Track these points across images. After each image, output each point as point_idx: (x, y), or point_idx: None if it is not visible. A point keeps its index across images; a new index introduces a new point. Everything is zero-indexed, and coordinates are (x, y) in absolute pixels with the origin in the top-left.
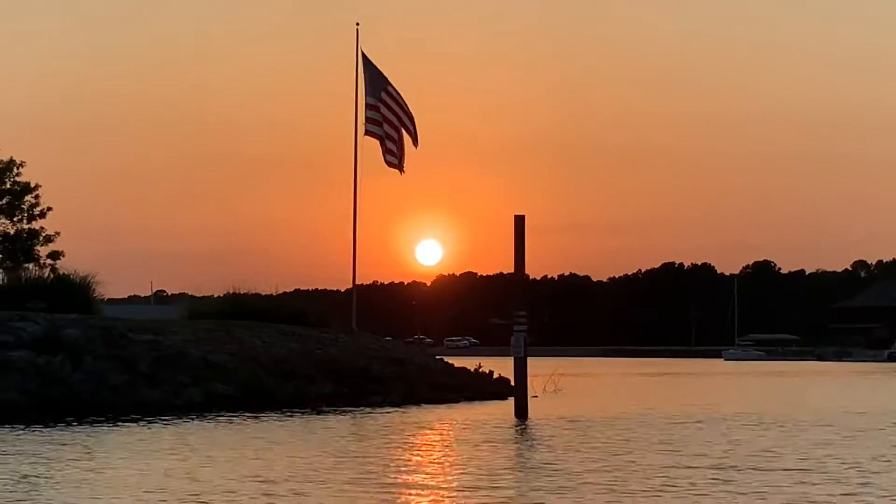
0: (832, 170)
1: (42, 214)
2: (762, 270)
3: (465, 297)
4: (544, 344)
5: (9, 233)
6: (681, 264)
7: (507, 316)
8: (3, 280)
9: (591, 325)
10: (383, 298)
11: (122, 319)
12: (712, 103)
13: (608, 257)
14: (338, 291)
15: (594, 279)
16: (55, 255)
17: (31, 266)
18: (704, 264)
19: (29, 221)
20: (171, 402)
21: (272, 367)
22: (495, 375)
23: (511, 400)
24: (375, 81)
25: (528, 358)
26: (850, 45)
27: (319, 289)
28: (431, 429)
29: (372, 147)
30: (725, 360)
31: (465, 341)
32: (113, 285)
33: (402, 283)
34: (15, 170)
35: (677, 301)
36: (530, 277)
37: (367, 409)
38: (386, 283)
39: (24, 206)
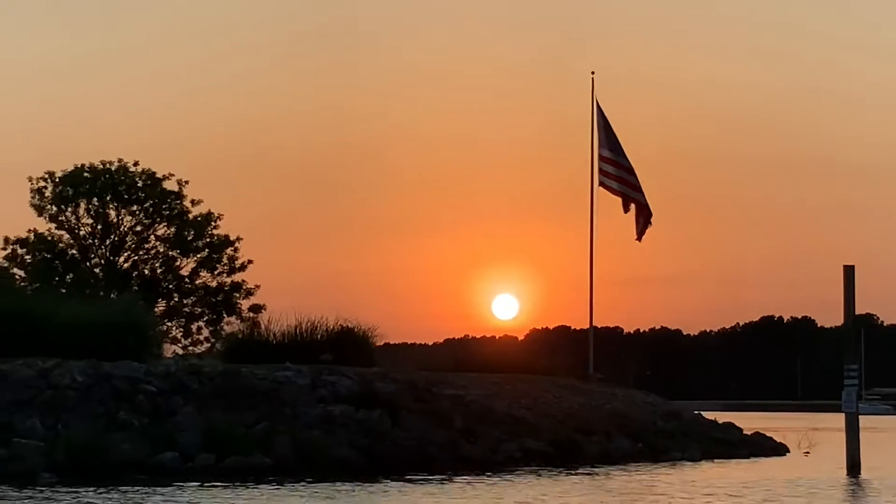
0: None
1: (242, 267)
2: (862, 323)
3: (567, 350)
4: None
5: (210, 286)
6: (780, 318)
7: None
8: (267, 332)
9: (689, 380)
10: (486, 352)
11: (421, 373)
12: (807, 150)
13: (698, 310)
14: (424, 345)
15: (685, 332)
16: (256, 309)
17: (233, 319)
18: (805, 317)
19: (229, 274)
20: (490, 457)
21: (569, 422)
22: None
23: (788, 456)
24: (610, 134)
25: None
26: None
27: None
28: (768, 489)
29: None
30: None
31: None
32: None
33: (494, 336)
34: (213, 223)
35: (778, 355)
36: (624, 331)
37: (668, 465)
38: (477, 336)
39: (225, 260)
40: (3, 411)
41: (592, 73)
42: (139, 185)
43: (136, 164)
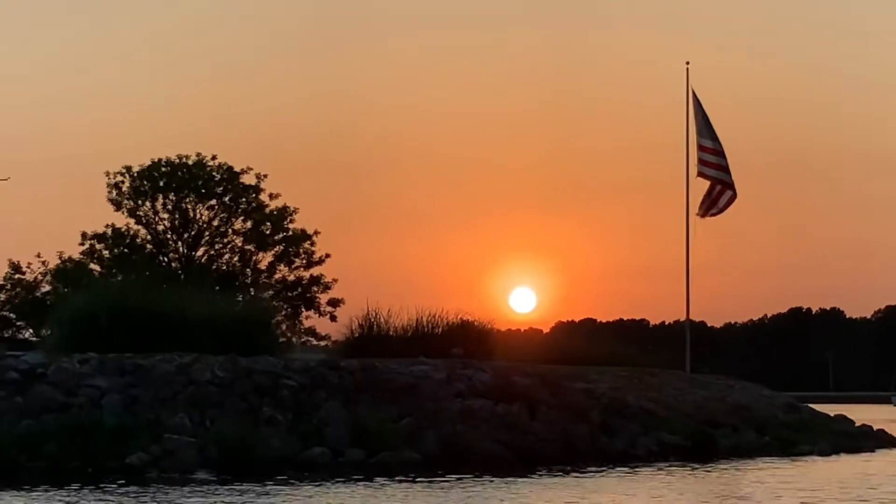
0: None
1: (320, 261)
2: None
3: (599, 342)
4: None
5: (288, 280)
6: (808, 309)
7: None
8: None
9: (717, 372)
10: (517, 343)
11: (548, 367)
12: (837, 140)
13: (723, 302)
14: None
15: (709, 324)
16: (335, 303)
17: (312, 314)
18: (833, 308)
19: (307, 268)
20: (630, 451)
21: (698, 416)
22: None
23: None
24: (706, 123)
25: None
26: None
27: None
28: None
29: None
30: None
31: None
32: None
33: (519, 329)
34: (289, 217)
35: (807, 346)
36: (650, 324)
37: (798, 459)
38: (502, 329)
39: (302, 253)
40: (148, 407)
41: (687, 63)
42: (217, 179)
43: (213, 158)
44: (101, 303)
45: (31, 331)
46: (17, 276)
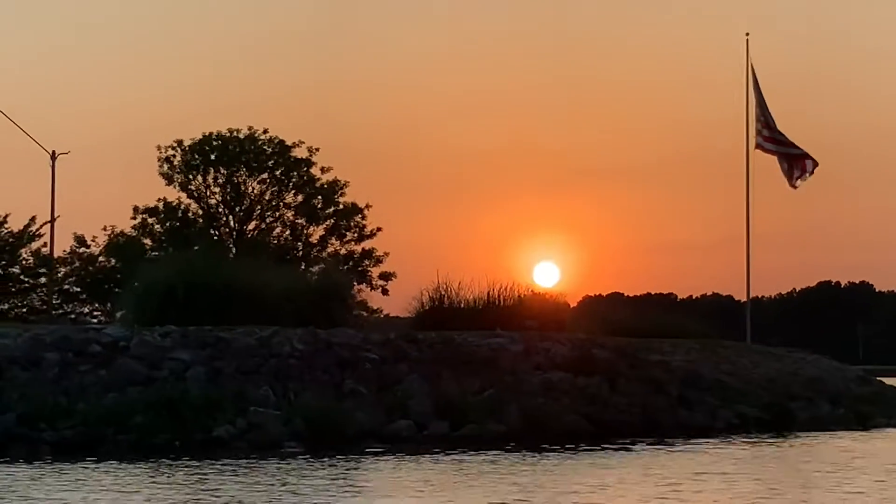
0: None
1: (372, 234)
2: None
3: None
4: None
5: (339, 253)
6: (837, 282)
7: None
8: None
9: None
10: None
11: (623, 339)
12: (866, 113)
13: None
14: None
15: (736, 298)
16: (387, 276)
17: (364, 287)
18: (862, 282)
19: (358, 242)
20: (710, 424)
21: (773, 388)
22: None
23: None
24: (760, 94)
25: None
26: None
27: None
28: None
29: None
30: None
31: None
32: None
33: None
34: (339, 190)
35: (836, 320)
36: (678, 297)
37: (880, 432)
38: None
39: (354, 227)
40: (232, 380)
41: (747, 34)
42: (268, 153)
43: (265, 132)
44: (178, 276)
45: (95, 305)
46: (81, 249)
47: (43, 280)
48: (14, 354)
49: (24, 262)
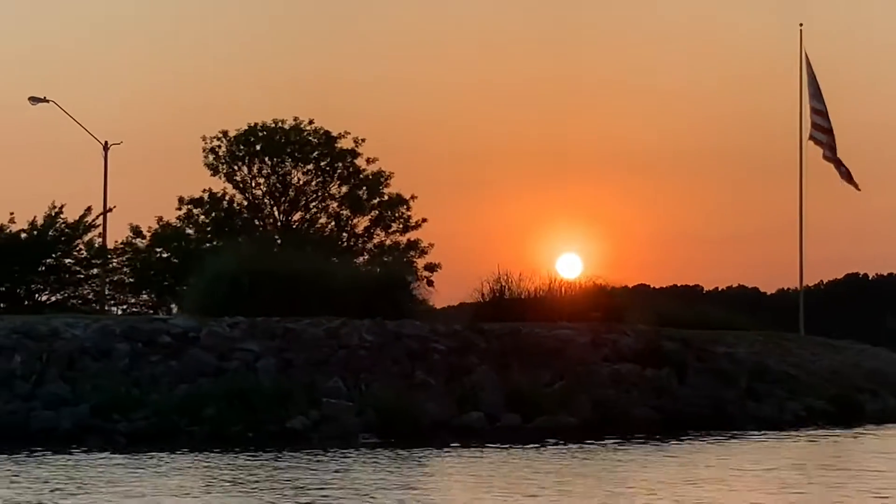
0: None
1: (417, 225)
2: None
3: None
4: None
5: (384, 244)
6: (865, 274)
7: None
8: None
9: None
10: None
11: (688, 331)
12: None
13: (776, 268)
14: None
15: (762, 290)
16: (432, 268)
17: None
18: (890, 275)
19: (403, 233)
20: (779, 416)
21: (837, 381)
22: None
23: None
24: (817, 86)
25: None
26: None
27: None
28: None
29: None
30: None
31: None
32: None
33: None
34: (384, 181)
35: (863, 312)
36: (703, 289)
37: None
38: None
39: (398, 218)
40: (302, 371)
41: (801, 24)
42: (313, 143)
43: (310, 122)
44: (244, 267)
45: (143, 296)
46: (137, 239)
47: (96, 271)
48: (84, 345)
49: (78, 253)
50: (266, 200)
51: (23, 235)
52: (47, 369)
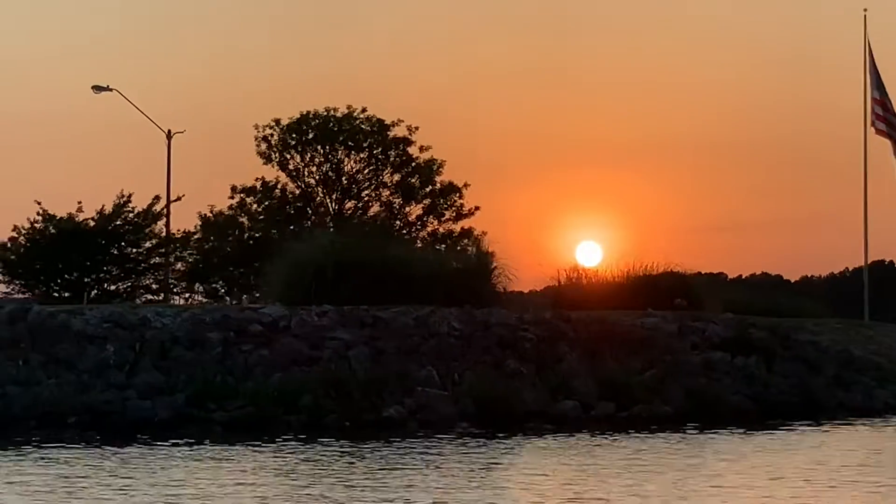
0: None
1: (470, 213)
2: None
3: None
4: None
5: (437, 232)
6: (891, 262)
7: None
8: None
9: None
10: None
11: (773, 319)
12: None
13: (800, 255)
14: (532, 291)
15: (785, 278)
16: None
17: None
18: None
19: (456, 221)
20: (869, 405)
21: None
22: None
23: None
24: (877, 75)
25: None
26: None
27: None
28: None
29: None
30: None
31: None
32: None
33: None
34: (436, 169)
35: (889, 299)
36: (728, 276)
37: None
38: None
39: (451, 206)
40: (394, 359)
41: (865, 10)
42: (366, 131)
43: (363, 110)
44: (328, 256)
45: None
46: (202, 226)
47: (160, 260)
48: (176, 334)
49: (150, 242)
50: (318, 189)
51: (90, 224)
52: (140, 358)
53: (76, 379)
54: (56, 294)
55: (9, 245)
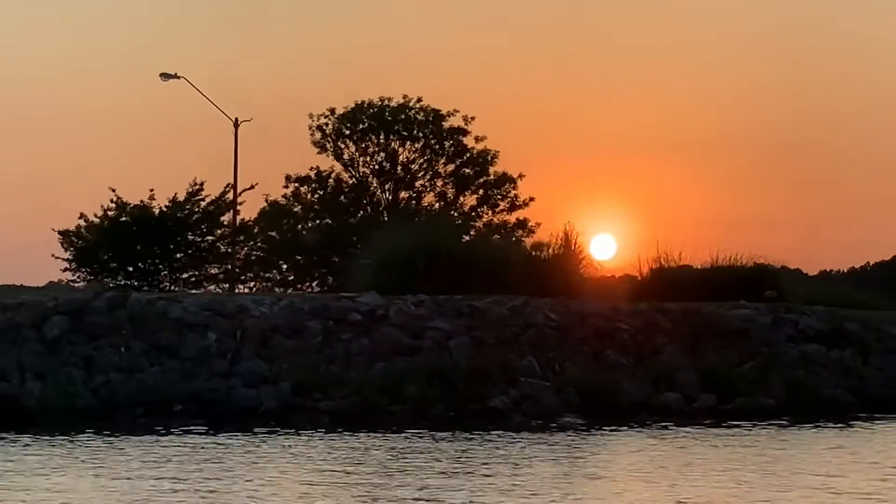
0: None
1: (525, 204)
2: None
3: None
4: None
5: (492, 223)
6: None
7: None
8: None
9: None
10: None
11: (868, 312)
12: None
13: (820, 249)
14: None
15: (804, 272)
16: (538, 247)
17: None
18: None
19: (510, 212)
20: None
21: None
22: None
23: None
24: None
25: None
26: None
27: None
28: None
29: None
30: None
31: None
32: None
33: (613, 276)
34: (490, 159)
35: None
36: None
37: None
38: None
39: (506, 196)
40: (494, 349)
41: None
42: (421, 121)
43: (419, 100)
44: (418, 246)
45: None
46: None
47: (227, 249)
48: (275, 322)
49: (223, 230)
50: (374, 178)
51: (162, 211)
52: (242, 347)
53: (179, 367)
54: (125, 283)
55: (82, 231)
